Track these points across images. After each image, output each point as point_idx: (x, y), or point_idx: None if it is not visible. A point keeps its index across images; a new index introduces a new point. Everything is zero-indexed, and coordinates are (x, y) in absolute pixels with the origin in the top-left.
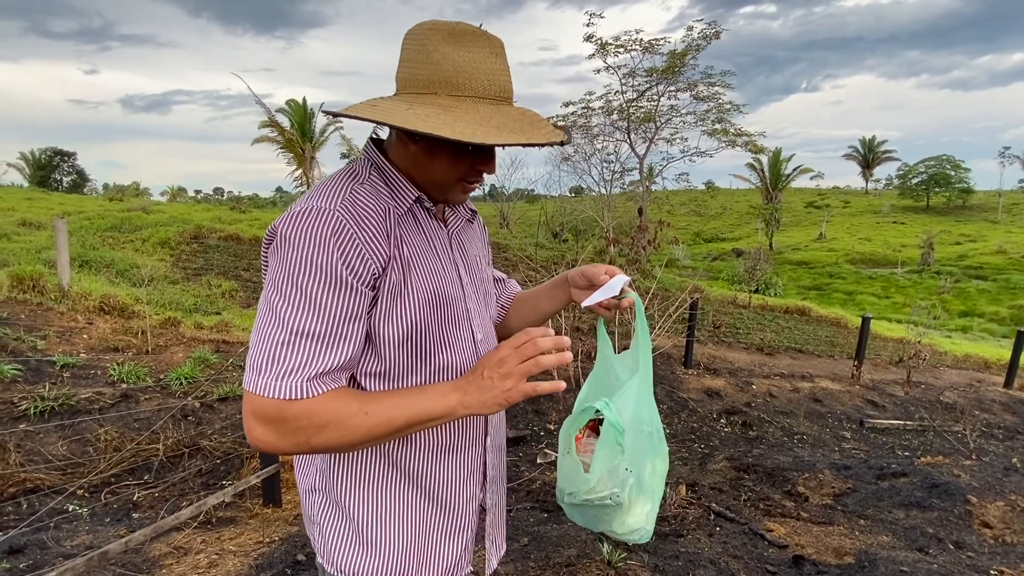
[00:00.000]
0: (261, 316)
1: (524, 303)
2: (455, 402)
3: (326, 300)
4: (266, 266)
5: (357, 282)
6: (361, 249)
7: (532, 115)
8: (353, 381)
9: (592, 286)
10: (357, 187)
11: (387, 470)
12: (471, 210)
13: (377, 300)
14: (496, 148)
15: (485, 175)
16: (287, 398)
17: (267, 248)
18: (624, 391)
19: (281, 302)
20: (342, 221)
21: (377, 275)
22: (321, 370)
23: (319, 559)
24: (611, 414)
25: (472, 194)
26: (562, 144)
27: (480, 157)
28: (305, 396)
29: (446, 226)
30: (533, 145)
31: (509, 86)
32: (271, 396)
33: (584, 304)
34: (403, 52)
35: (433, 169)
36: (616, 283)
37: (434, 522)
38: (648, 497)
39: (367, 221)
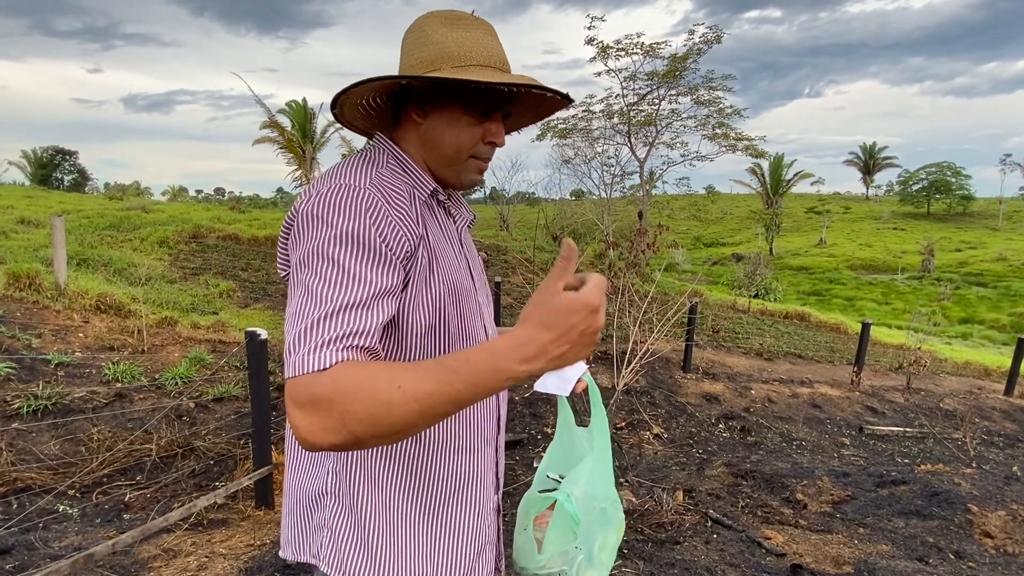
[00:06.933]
0: (295, 299)
1: None
2: (536, 355)
3: (364, 272)
4: (283, 257)
5: (393, 256)
6: (395, 224)
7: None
8: None
9: None
10: (380, 170)
11: (400, 474)
12: (472, 214)
13: (407, 283)
14: (503, 132)
15: (496, 147)
16: (318, 368)
17: (286, 236)
18: (578, 470)
19: (315, 279)
20: (374, 197)
21: (410, 254)
22: (361, 342)
23: (324, 567)
24: (571, 506)
25: (472, 196)
26: (568, 101)
27: (491, 125)
28: (341, 362)
29: (454, 223)
30: (544, 90)
31: (507, 61)
32: (303, 372)
33: (536, 387)
34: (404, 46)
35: (444, 142)
36: (574, 370)
37: (452, 528)
38: (596, 570)
39: (397, 201)
